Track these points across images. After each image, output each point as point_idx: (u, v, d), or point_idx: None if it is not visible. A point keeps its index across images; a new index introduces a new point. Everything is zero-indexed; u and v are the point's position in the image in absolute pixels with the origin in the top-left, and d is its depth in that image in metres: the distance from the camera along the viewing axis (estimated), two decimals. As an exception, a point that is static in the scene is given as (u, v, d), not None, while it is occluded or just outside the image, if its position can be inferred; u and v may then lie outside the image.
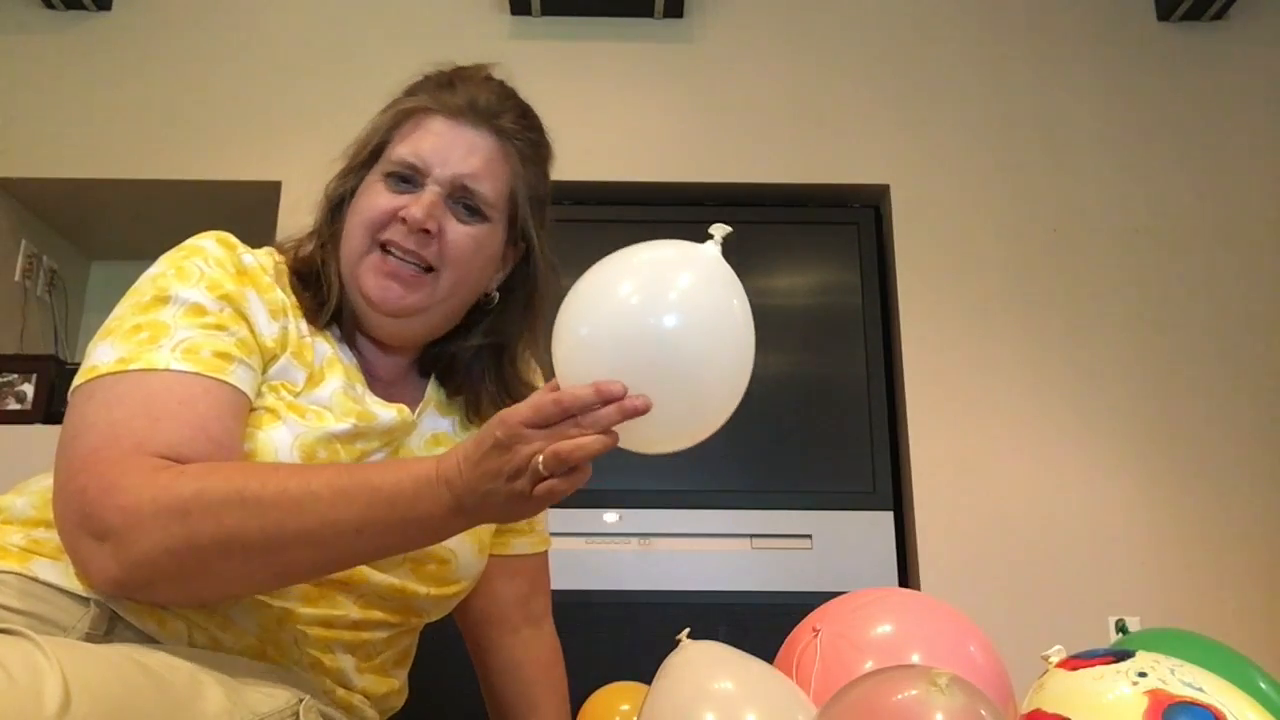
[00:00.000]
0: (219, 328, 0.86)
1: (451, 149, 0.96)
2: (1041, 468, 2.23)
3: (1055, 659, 0.74)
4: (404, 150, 0.97)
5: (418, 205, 0.93)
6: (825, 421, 2.25)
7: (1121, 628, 1.24)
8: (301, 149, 2.39)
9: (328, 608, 0.91)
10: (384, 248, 0.95)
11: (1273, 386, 2.30)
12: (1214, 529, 2.19)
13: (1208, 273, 2.37)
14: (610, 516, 2.15)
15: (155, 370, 0.82)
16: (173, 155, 2.42)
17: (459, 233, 0.96)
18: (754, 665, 0.84)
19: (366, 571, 0.92)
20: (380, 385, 1.00)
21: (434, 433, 1.03)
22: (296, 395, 0.91)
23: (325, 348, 0.96)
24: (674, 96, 2.50)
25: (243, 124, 2.45)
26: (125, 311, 0.87)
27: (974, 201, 2.42)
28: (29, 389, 2.23)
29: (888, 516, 2.18)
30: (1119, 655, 0.71)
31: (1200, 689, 0.66)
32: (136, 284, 0.90)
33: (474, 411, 1.06)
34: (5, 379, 2.24)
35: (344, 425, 0.91)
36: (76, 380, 0.84)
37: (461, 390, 1.05)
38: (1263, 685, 0.86)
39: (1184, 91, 2.51)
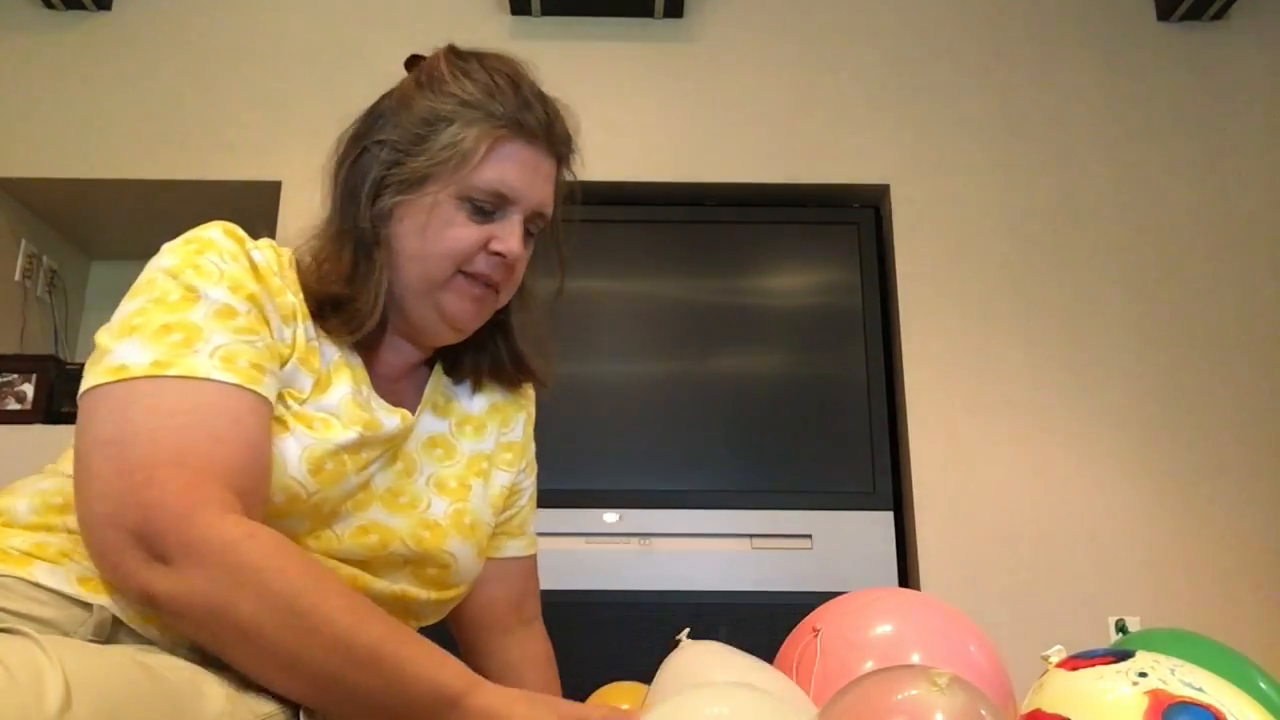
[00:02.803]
0: (250, 332, 0.84)
1: (534, 178, 0.97)
2: (1041, 468, 2.23)
3: (1055, 659, 0.74)
4: (491, 177, 0.94)
5: (513, 240, 0.95)
6: (825, 421, 2.25)
7: (1121, 628, 1.24)
8: (301, 149, 2.39)
9: (328, 612, 0.90)
10: (466, 272, 0.96)
11: (1272, 386, 2.30)
12: (1214, 529, 2.19)
13: (1207, 273, 2.38)
14: (610, 516, 2.15)
15: (196, 379, 0.79)
16: (173, 155, 2.43)
17: (523, 255, 0.99)
18: (754, 665, 0.84)
19: (368, 579, 0.92)
20: (383, 382, 1.00)
21: (430, 435, 1.03)
22: (303, 403, 0.89)
23: (332, 351, 0.95)
24: (674, 96, 2.50)
25: (243, 124, 2.46)
26: (148, 307, 0.83)
27: (974, 201, 2.42)
28: (29, 389, 2.24)
29: (888, 516, 2.18)
30: (1119, 655, 0.71)
31: (1200, 689, 0.66)
32: (149, 277, 0.86)
33: (478, 378, 1.08)
34: (5, 379, 2.24)
35: (350, 435, 0.90)
36: (100, 378, 0.79)
37: (468, 366, 1.07)
38: (1263, 685, 0.85)
39: (1184, 91, 2.51)
